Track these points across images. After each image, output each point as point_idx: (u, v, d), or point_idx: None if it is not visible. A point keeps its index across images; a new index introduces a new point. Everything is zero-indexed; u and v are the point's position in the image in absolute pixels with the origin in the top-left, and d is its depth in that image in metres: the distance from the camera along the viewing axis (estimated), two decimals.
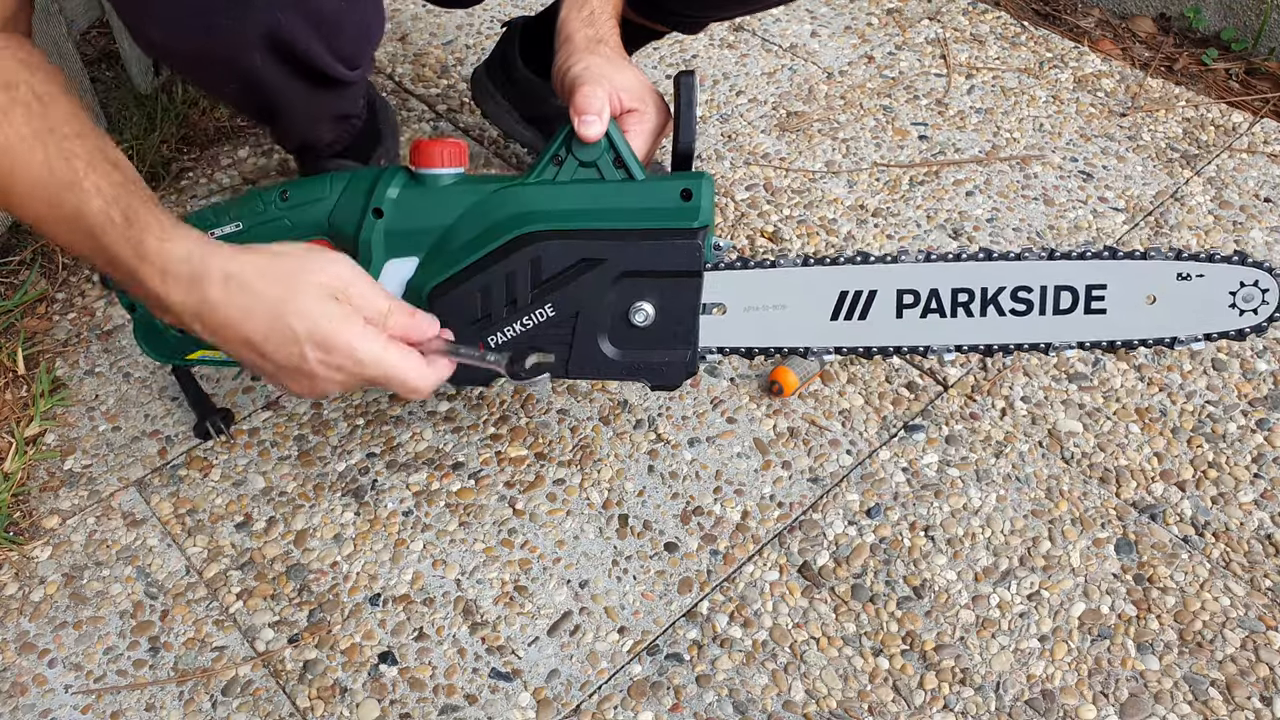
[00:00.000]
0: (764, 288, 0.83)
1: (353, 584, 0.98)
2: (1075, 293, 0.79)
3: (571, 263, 0.80)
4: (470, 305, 0.83)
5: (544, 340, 0.83)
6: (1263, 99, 1.51)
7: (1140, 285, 0.80)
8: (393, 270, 0.85)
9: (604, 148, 0.79)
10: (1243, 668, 0.90)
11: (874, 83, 1.57)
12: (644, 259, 0.79)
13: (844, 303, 0.82)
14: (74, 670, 0.93)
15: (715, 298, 0.84)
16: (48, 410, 1.14)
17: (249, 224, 0.85)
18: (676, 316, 0.81)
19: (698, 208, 0.79)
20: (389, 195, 0.82)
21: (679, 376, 0.83)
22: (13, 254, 1.32)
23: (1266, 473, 1.04)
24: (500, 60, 1.31)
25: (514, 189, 0.80)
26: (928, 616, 0.94)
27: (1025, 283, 0.79)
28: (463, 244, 0.82)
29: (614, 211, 0.79)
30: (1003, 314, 0.81)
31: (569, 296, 0.81)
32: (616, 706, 0.89)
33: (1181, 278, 0.79)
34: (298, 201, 0.84)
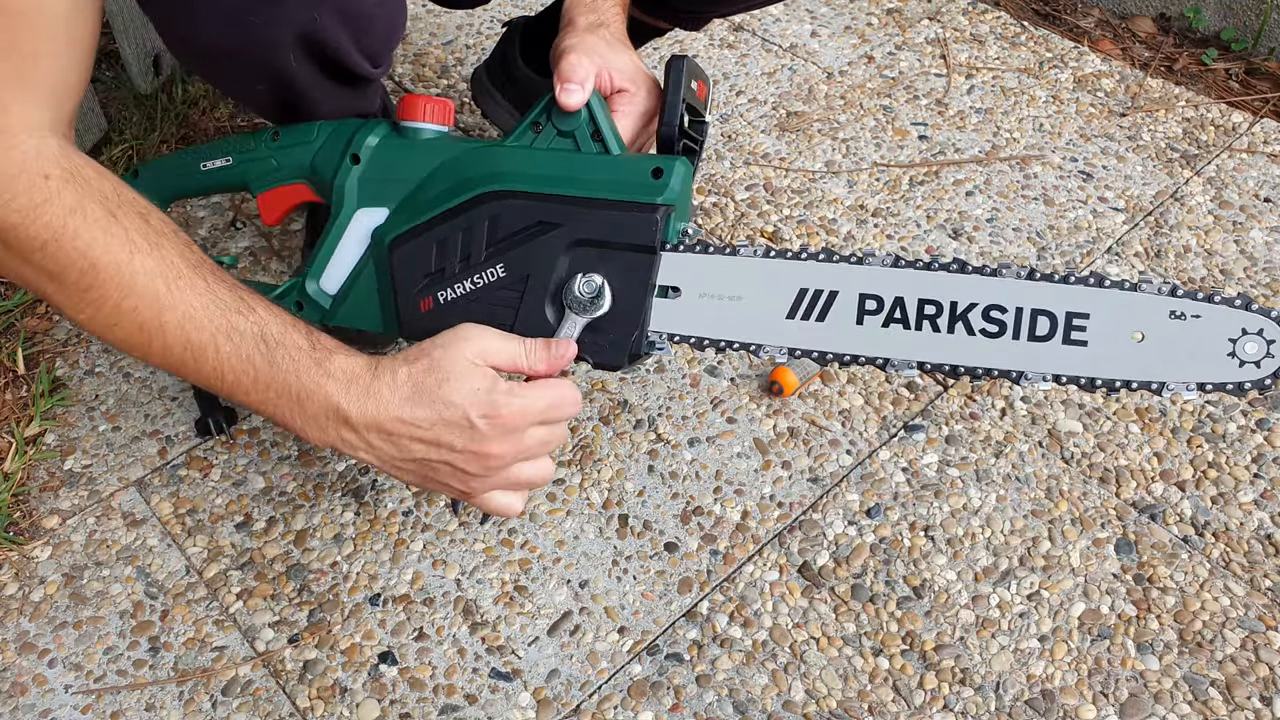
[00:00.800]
0: (721, 275, 0.79)
1: (353, 584, 0.98)
2: (1054, 319, 0.72)
3: (528, 224, 0.79)
4: (425, 257, 0.82)
5: (492, 301, 0.81)
6: (1263, 99, 1.51)
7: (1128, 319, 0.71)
8: (362, 218, 0.85)
9: (584, 119, 0.78)
10: (1243, 668, 0.90)
11: (874, 83, 1.57)
12: (599, 228, 0.78)
13: (802, 301, 0.77)
14: (74, 670, 0.93)
15: (671, 280, 0.80)
16: (48, 410, 1.14)
17: (238, 159, 0.86)
18: (627, 293, 0.79)
19: (665, 185, 0.77)
20: (368, 143, 0.83)
21: (620, 356, 0.80)
22: None
23: (1266, 473, 1.04)
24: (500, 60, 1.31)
25: (488, 149, 0.81)
26: (928, 616, 0.94)
27: (999, 301, 0.72)
28: (430, 198, 0.82)
29: (581, 180, 0.79)
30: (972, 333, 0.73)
31: (521, 258, 0.79)
32: (616, 706, 0.89)
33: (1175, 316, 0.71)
34: (286, 143, 0.85)
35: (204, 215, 1.38)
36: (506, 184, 0.80)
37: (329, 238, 0.86)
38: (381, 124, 0.86)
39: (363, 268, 0.86)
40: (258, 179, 0.87)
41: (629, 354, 0.80)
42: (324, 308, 0.89)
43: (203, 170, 0.87)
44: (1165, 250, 1.28)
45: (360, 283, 0.87)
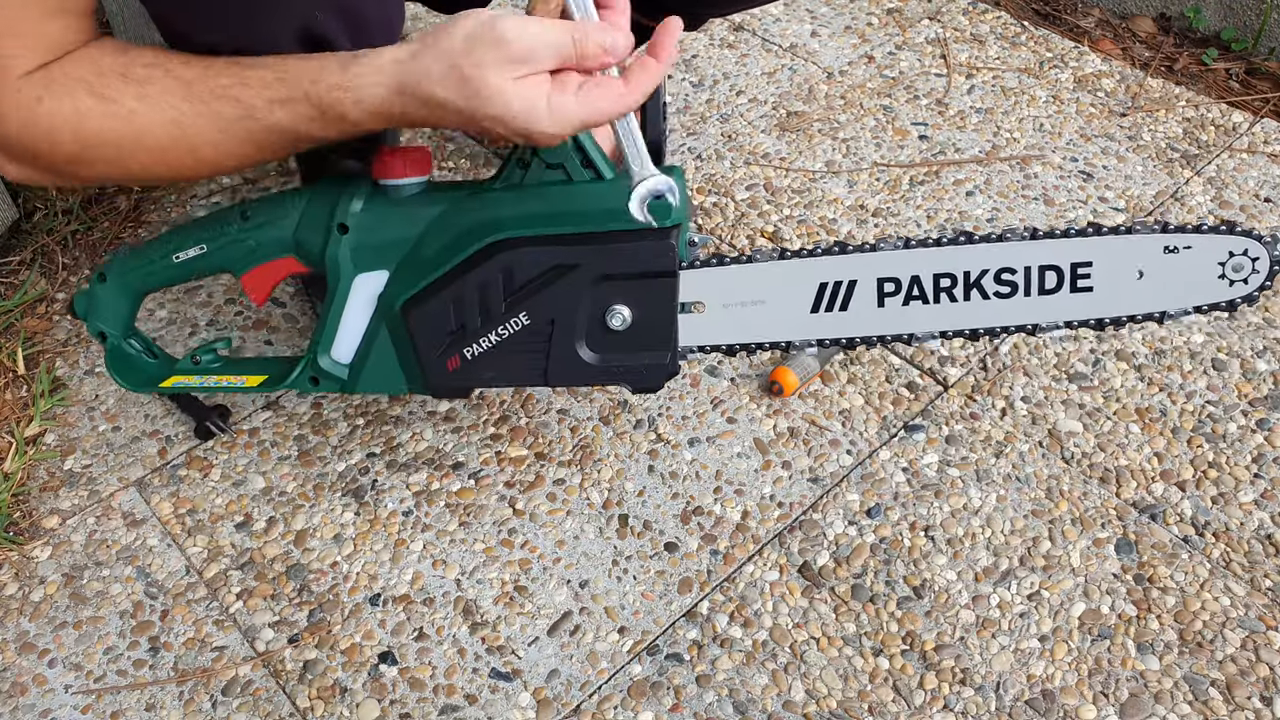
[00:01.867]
0: (742, 284, 0.81)
1: (353, 584, 0.98)
2: (1060, 272, 0.78)
3: (543, 270, 0.78)
4: (443, 317, 0.82)
5: (521, 349, 0.81)
6: (1263, 99, 1.51)
7: (1127, 260, 0.78)
8: (362, 285, 0.83)
9: (570, 147, 0.76)
10: (1243, 668, 0.90)
11: (874, 83, 1.57)
12: (617, 262, 0.78)
13: (824, 294, 0.80)
14: (74, 670, 0.93)
15: (693, 296, 0.82)
16: (48, 410, 1.14)
17: (212, 247, 0.84)
18: (654, 318, 0.80)
19: (668, 206, 0.77)
20: (352, 209, 0.81)
21: (660, 378, 0.82)
22: (13, 254, 1.32)
23: (1266, 473, 1.04)
24: None
25: (480, 195, 0.79)
26: (928, 616, 0.94)
27: (1009, 264, 0.78)
28: (432, 255, 0.80)
29: (583, 214, 0.77)
30: (986, 297, 0.79)
31: (543, 304, 0.79)
32: (616, 706, 0.89)
33: (1169, 250, 0.77)
34: (260, 221, 0.82)
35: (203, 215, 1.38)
36: (510, 230, 0.78)
37: (332, 308, 0.84)
38: (360, 187, 0.83)
39: (375, 334, 0.85)
40: (238, 262, 0.84)
41: (667, 374, 0.82)
42: (342, 379, 0.88)
43: (176, 263, 0.84)
44: None
45: (376, 349, 0.86)
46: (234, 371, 0.94)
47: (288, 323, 1.23)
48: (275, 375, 0.91)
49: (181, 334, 1.21)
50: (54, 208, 1.37)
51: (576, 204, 0.77)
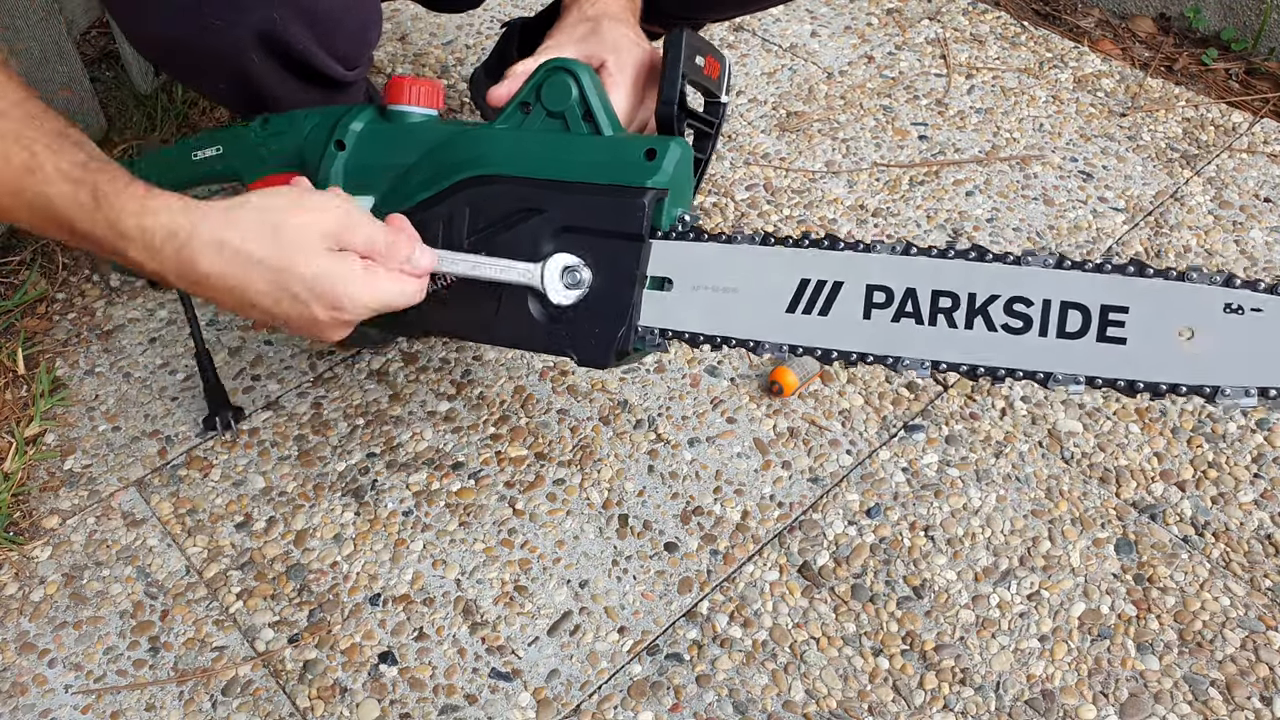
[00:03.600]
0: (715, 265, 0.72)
1: (353, 584, 0.98)
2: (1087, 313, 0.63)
3: (510, 210, 0.74)
4: None
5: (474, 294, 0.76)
6: (1263, 99, 1.51)
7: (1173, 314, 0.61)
8: None
9: (574, 98, 0.74)
10: (1243, 668, 0.90)
11: (874, 83, 1.57)
12: (584, 214, 0.73)
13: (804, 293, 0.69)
14: (74, 670, 0.93)
15: (660, 270, 0.73)
16: (48, 410, 1.14)
17: (228, 148, 0.85)
18: (612, 285, 0.73)
19: (656, 168, 0.72)
20: (353, 129, 0.81)
21: (607, 352, 0.74)
22: (13, 254, 1.32)
23: (1266, 473, 1.04)
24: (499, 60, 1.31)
25: (475, 132, 0.78)
26: (928, 616, 0.94)
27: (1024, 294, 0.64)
28: (415, 184, 0.78)
29: (567, 163, 0.74)
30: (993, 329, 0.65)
31: (504, 246, 0.74)
32: (616, 706, 0.89)
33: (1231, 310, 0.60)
34: (275, 130, 0.83)
35: None
36: (489, 168, 0.76)
37: None
38: (368, 109, 0.83)
39: None
40: (248, 168, 0.85)
41: (616, 350, 0.74)
42: None
43: (194, 160, 0.85)
44: (1165, 250, 1.28)
45: None
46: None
47: None
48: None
49: (181, 334, 1.21)
50: None
51: (563, 152, 0.74)
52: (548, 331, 0.76)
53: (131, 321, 1.24)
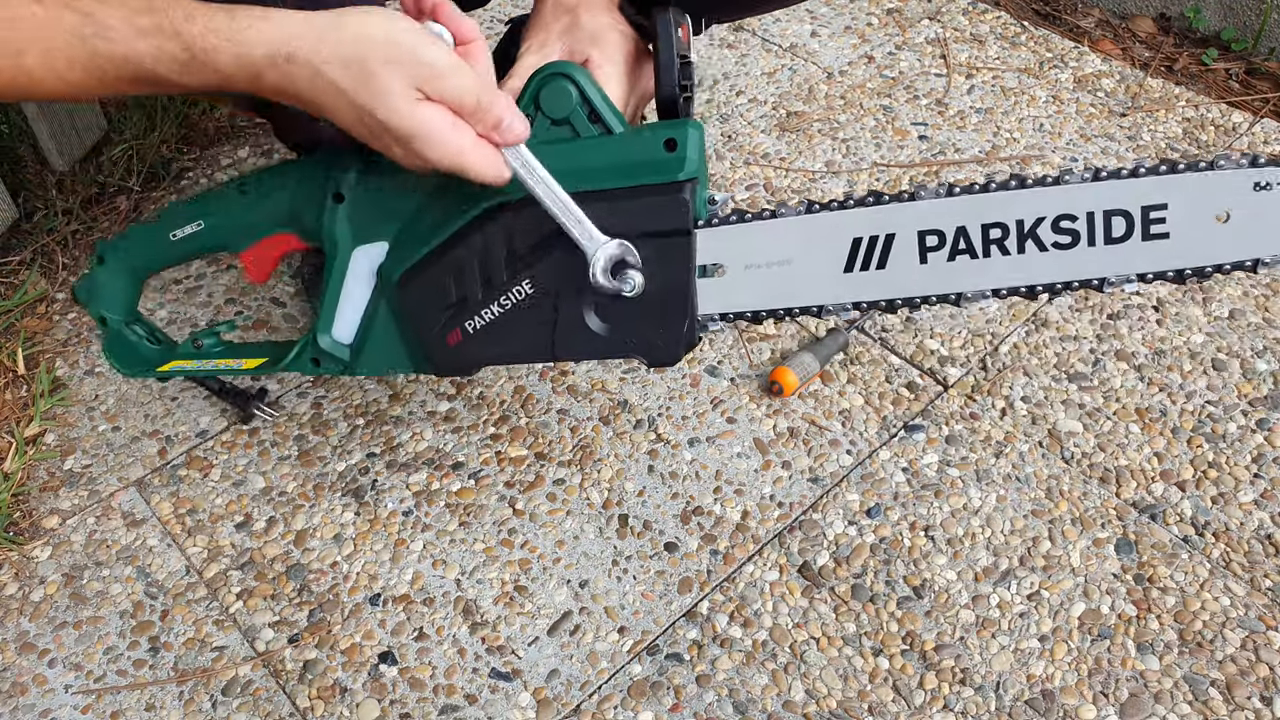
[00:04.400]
0: (766, 242, 0.73)
1: (353, 584, 0.98)
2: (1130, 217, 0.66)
3: (545, 234, 0.72)
4: (442, 289, 0.76)
5: (524, 321, 0.75)
6: (1263, 99, 1.51)
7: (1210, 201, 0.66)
8: (361, 258, 0.79)
9: (575, 100, 0.71)
10: (1243, 668, 0.90)
11: (874, 83, 1.57)
12: (625, 220, 0.71)
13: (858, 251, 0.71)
14: (74, 670, 0.93)
15: (712, 258, 0.74)
16: (48, 410, 1.14)
17: (209, 222, 0.80)
18: (669, 282, 0.73)
19: (683, 158, 0.71)
20: (348, 178, 0.77)
21: (678, 350, 0.75)
22: (13, 254, 1.32)
23: (1266, 473, 1.04)
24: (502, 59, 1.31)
25: None
26: (928, 616, 0.94)
27: (1069, 210, 0.67)
28: (431, 223, 0.75)
29: (590, 171, 0.71)
30: (1044, 249, 0.69)
31: (546, 271, 0.73)
32: (616, 706, 0.89)
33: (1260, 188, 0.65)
34: (256, 194, 0.79)
35: None
36: (510, 193, 0.72)
37: (330, 285, 0.80)
38: (355, 155, 0.78)
39: (375, 310, 0.80)
40: (235, 238, 0.80)
41: (685, 346, 0.75)
42: (344, 360, 0.84)
43: (173, 240, 0.80)
44: None
45: (376, 326, 0.81)
46: (233, 355, 0.90)
47: (288, 323, 1.23)
48: (273, 360, 0.87)
49: (181, 334, 1.21)
50: (54, 208, 1.37)
51: (582, 161, 0.72)
52: (609, 339, 0.75)
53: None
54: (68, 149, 1.40)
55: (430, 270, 0.76)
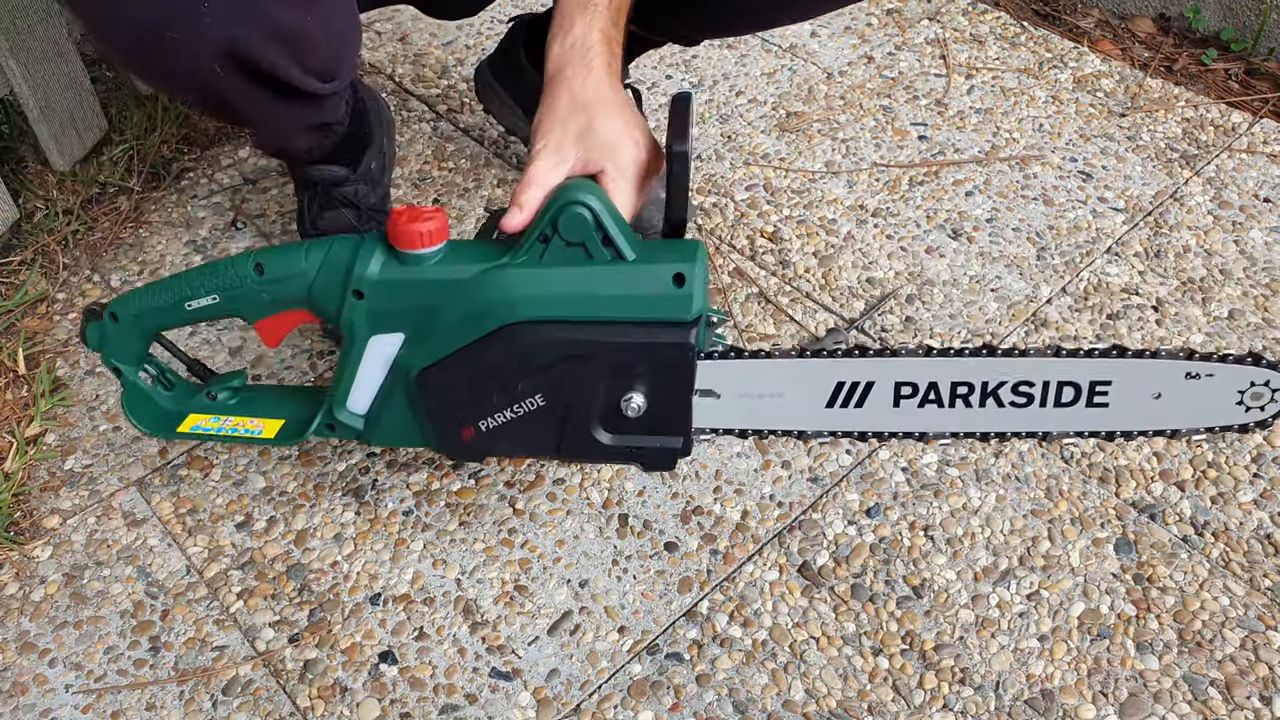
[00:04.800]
0: (759, 378, 0.81)
1: (353, 583, 0.98)
2: (1079, 388, 0.78)
3: (559, 356, 0.77)
4: (459, 390, 0.81)
5: (535, 426, 0.81)
6: (1262, 99, 1.51)
7: (1147, 383, 0.78)
8: (378, 345, 0.82)
9: (591, 225, 0.75)
10: (1242, 667, 0.90)
11: (874, 83, 1.57)
12: (634, 353, 0.76)
13: (840, 392, 0.81)
14: (74, 670, 0.93)
15: (710, 385, 0.81)
16: (48, 410, 1.14)
17: (225, 296, 0.83)
18: (669, 406, 0.79)
19: (690, 296, 0.75)
20: (369, 276, 0.78)
21: (672, 461, 0.82)
22: (13, 254, 1.32)
23: (1266, 473, 1.04)
24: (504, 57, 1.31)
25: (499, 271, 0.77)
26: (927, 616, 0.94)
27: (1029, 378, 0.78)
28: (448, 328, 0.79)
29: (602, 300, 0.76)
30: (1002, 405, 0.80)
31: (558, 388, 0.79)
32: (616, 706, 0.89)
33: (1190, 377, 0.78)
34: (274, 276, 0.81)
35: (204, 215, 1.38)
36: (527, 312, 0.76)
37: (347, 366, 0.83)
38: (376, 248, 0.80)
39: (390, 393, 0.84)
40: (250, 311, 0.83)
41: (680, 456, 0.82)
42: (358, 429, 0.88)
43: (188, 309, 0.83)
44: (1165, 250, 1.28)
45: (391, 407, 0.84)
46: (249, 413, 0.93)
47: None
48: (292, 426, 0.90)
49: (181, 334, 1.22)
50: (54, 208, 1.37)
51: (594, 287, 0.76)
52: (612, 449, 0.81)
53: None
54: (68, 149, 1.40)
55: (448, 374, 0.79)
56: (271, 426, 0.91)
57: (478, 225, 1.32)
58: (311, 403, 0.92)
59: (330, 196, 1.16)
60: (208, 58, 0.82)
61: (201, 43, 0.81)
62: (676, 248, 0.78)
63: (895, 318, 1.21)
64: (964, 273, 1.26)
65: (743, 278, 1.26)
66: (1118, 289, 1.24)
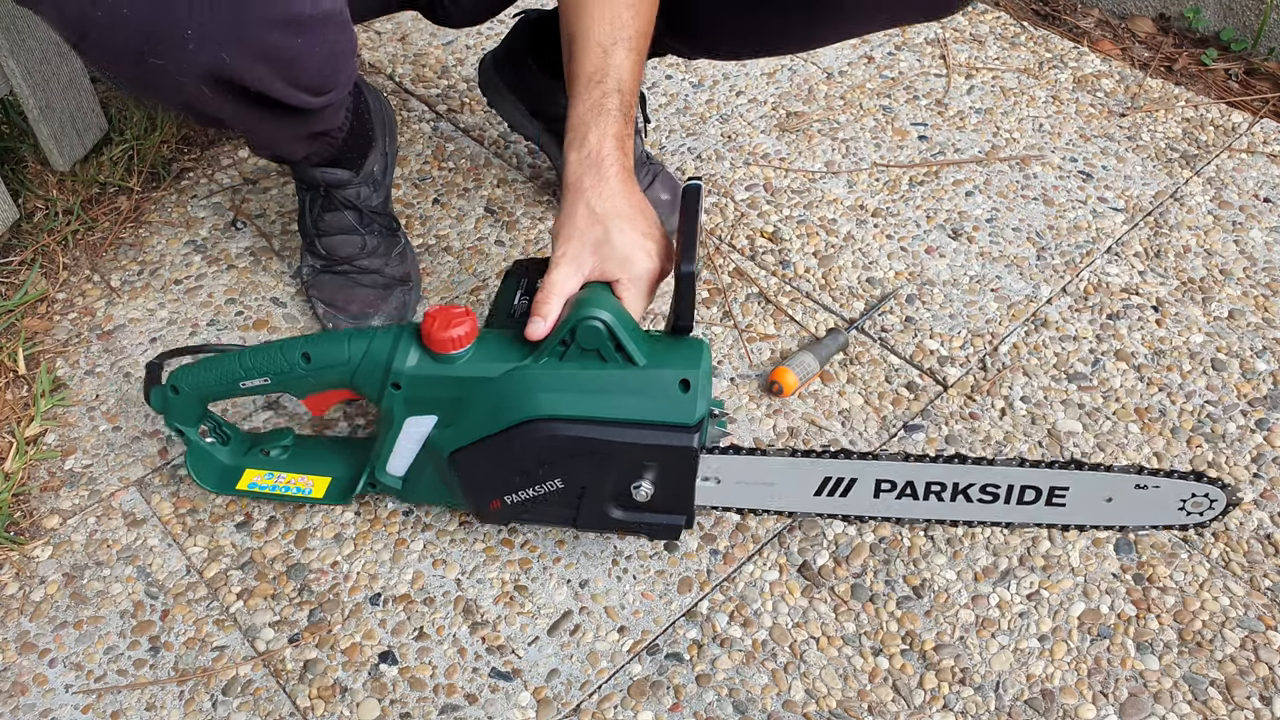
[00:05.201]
0: (754, 471, 0.92)
1: (353, 584, 0.98)
2: (1040, 491, 0.89)
3: (576, 450, 0.87)
4: (487, 470, 0.91)
5: (555, 503, 0.91)
6: (1262, 99, 1.51)
7: (1100, 489, 0.89)
8: (413, 425, 0.91)
9: (604, 335, 0.83)
10: (1242, 667, 0.90)
11: (874, 83, 1.57)
12: (643, 452, 0.86)
13: (827, 484, 0.91)
14: (74, 670, 0.93)
15: (710, 473, 0.92)
16: (48, 410, 1.14)
17: (276, 379, 0.92)
18: (675, 491, 0.89)
19: (694, 402, 0.84)
20: (406, 371, 0.88)
21: (677, 534, 0.94)
22: (13, 254, 1.32)
23: (1266, 473, 1.04)
24: (508, 53, 1.31)
25: (522, 372, 0.86)
26: (927, 616, 0.94)
27: (995, 481, 0.89)
28: (478, 417, 0.88)
29: (615, 403, 0.85)
30: (970, 501, 0.91)
31: (575, 475, 0.89)
32: (616, 706, 0.89)
33: (1139, 487, 0.89)
34: (320, 365, 0.90)
35: (204, 215, 1.38)
36: (548, 410, 0.86)
37: (387, 439, 0.93)
38: (411, 343, 0.88)
39: (425, 464, 0.94)
40: (299, 390, 0.94)
41: (683, 529, 0.93)
42: (397, 489, 0.98)
43: (243, 388, 0.93)
44: (1165, 250, 1.28)
45: (426, 474, 0.95)
46: (299, 469, 1.02)
47: (288, 323, 1.23)
48: (338, 484, 1.01)
49: (182, 333, 1.22)
50: (54, 208, 1.37)
51: (608, 391, 0.85)
52: (624, 521, 0.92)
53: (132, 321, 1.24)
54: (68, 149, 1.40)
55: (477, 457, 0.90)
56: (320, 484, 1.01)
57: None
58: (354, 460, 1.02)
59: (332, 199, 1.15)
60: (193, 80, 0.82)
61: (186, 67, 0.81)
62: (683, 352, 0.86)
63: (895, 318, 1.21)
64: (964, 273, 1.26)
65: (743, 278, 1.26)
66: (1118, 289, 1.24)
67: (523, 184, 1.41)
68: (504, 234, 1.34)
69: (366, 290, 1.18)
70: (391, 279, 1.20)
